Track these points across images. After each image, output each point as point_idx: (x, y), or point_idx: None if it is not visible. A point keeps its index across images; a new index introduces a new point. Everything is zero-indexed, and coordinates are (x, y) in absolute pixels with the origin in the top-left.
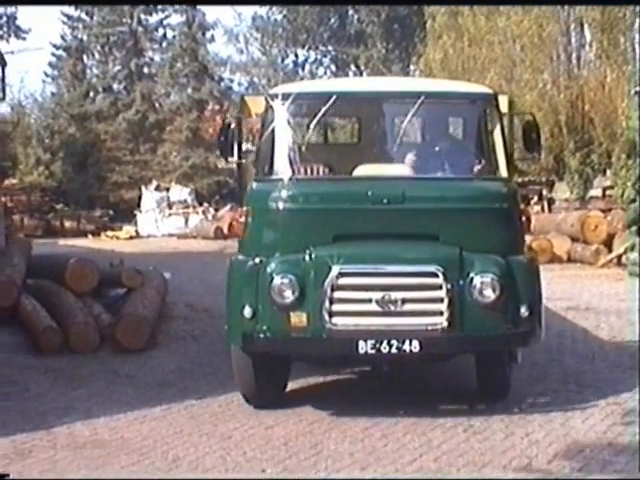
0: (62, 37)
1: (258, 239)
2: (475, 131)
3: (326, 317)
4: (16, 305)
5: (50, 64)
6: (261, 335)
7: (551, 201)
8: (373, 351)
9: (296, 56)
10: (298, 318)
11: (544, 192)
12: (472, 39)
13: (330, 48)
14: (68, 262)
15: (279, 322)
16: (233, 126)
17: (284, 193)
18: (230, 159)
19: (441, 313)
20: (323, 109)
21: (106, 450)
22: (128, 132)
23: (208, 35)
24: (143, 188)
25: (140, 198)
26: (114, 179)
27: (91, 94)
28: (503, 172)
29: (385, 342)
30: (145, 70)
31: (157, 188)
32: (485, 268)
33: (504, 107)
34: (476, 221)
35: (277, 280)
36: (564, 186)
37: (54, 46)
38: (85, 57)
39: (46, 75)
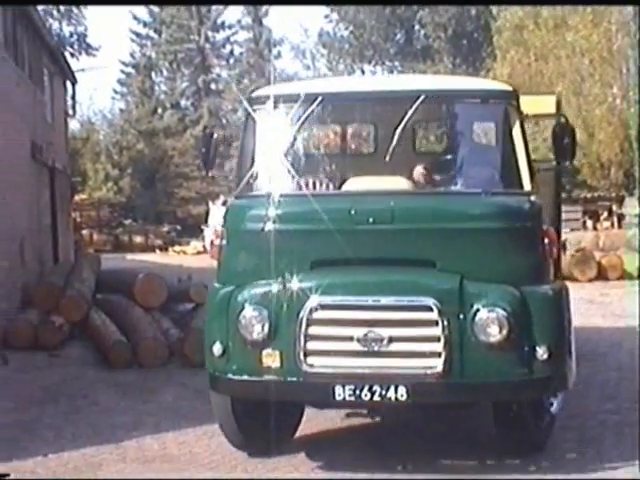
0: (131, 55)
1: (233, 264)
2: (489, 136)
3: (301, 357)
4: (85, 319)
5: (119, 81)
6: (229, 376)
7: (621, 217)
8: (352, 398)
9: (362, 72)
10: (270, 357)
11: (614, 208)
12: (538, 54)
13: (397, 64)
14: (137, 277)
15: (249, 362)
16: (216, 136)
17: (257, 212)
18: (210, 172)
19: (436, 355)
20: (306, 113)
21: (175, 464)
22: (195, 148)
23: (275, 51)
24: (210, 203)
25: (207, 213)
26: (182, 194)
27: (159, 110)
28: (525, 184)
29: (366, 388)
30: (212, 86)
31: (224, 203)
32: (491, 301)
33: (550, 108)
34: (482, 244)
35: (247, 313)
36: (634, 201)
37: (123, 63)
38: (153, 74)
39: (115, 92)
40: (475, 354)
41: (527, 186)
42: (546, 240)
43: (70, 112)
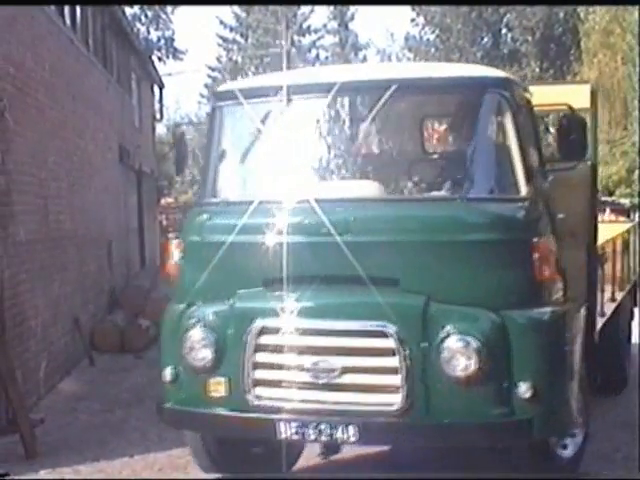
0: (217, 59)
1: (187, 280)
2: (475, 132)
3: (246, 387)
4: None
5: (206, 85)
6: (176, 407)
7: None
8: (297, 437)
9: None
10: (216, 385)
11: None
12: (626, 57)
13: None
14: None
15: (196, 390)
16: (189, 137)
17: (212, 222)
18: (181, 174)
19: (394, 389)
20: (268, 109)
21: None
22: None
23: (360, 55)
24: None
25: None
26: None
27: None
28: (521, 188)
29: (312, 426)
30: None
31: None
32: (460, 327)
33: (584, 101)
34: (454, 260)
35: (193, 335)
36: None
37: (210, 68)
38: (240, 78)
39: (202, 96)
40: (442, 390)
41: (523, 190)
42: (536, 255)
43: (157, 116)
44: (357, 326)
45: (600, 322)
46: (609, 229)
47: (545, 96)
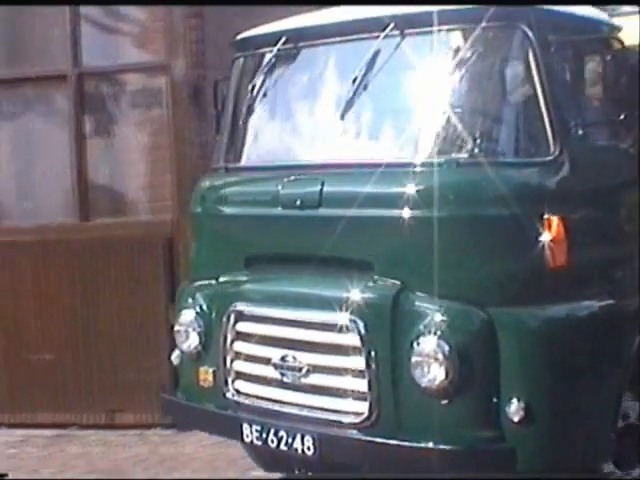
0: None
1: (193, 255)
2: (480, 77)
3: (227, 379)
4: None
5: None
6: (173, 398)
7: None
8: (259, 442)
9: None
10: (205, 375)
11: None
12: None
13: None
14: None
15: (191, 379)
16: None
17: (207, 191)
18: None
19: (360, 396)
20: (271, 59)
21: None
22: None
23: None
24: None
25: None
26: None
27: None
28: (539, 148)
29: (272, 432)
30: None
31: None
32: (434, 326)
33: (634, 38)
34: (439, 241)
35: (182, 317)
36: None
37: None
38: None
39: None
40: (413, 402)
41: (544, 151)
42: (545, 237)
43: None
44: (322, 318)
45: None
46: None
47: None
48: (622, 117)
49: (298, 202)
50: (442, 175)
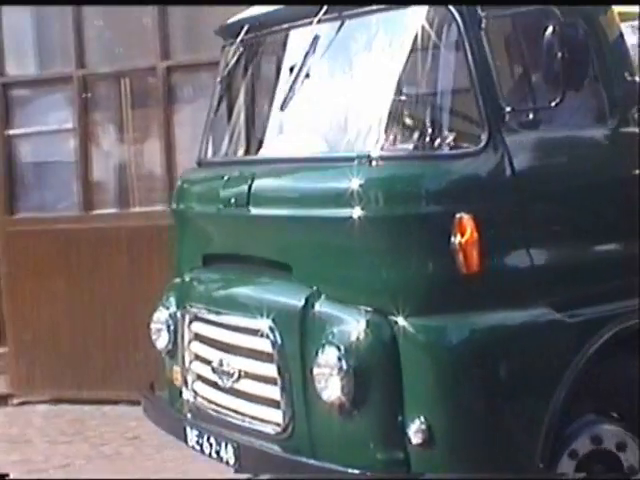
0: None
1: (175, 252)
2: (418, 65)
3: (188, 378)
4: None
5: None
6: (150, 402)
7: None
8: (198, 447)
9: None
10: (175, 374)
11: None
12: None
13: None
14: None
15: (168, 376)
16: None
17: (184, 186)
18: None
19: (274, 404)
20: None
21: None
22: None
23: None
24: None
25: None
26: None
27: None
28: (472, 138)
29: (206, 437)
30: None
31: None
32: (336, 336)
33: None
34: (353, 242)
35: (155, 315)
36: None
37: None
38: None
39: None
40: (321, 415)
41: (480, 140)
42: (457, 238)
43: None
44: (244, 322)
45: None
46: None
47: None
48: (558, 100)
49: (232, 200)
50: (354, 172)
